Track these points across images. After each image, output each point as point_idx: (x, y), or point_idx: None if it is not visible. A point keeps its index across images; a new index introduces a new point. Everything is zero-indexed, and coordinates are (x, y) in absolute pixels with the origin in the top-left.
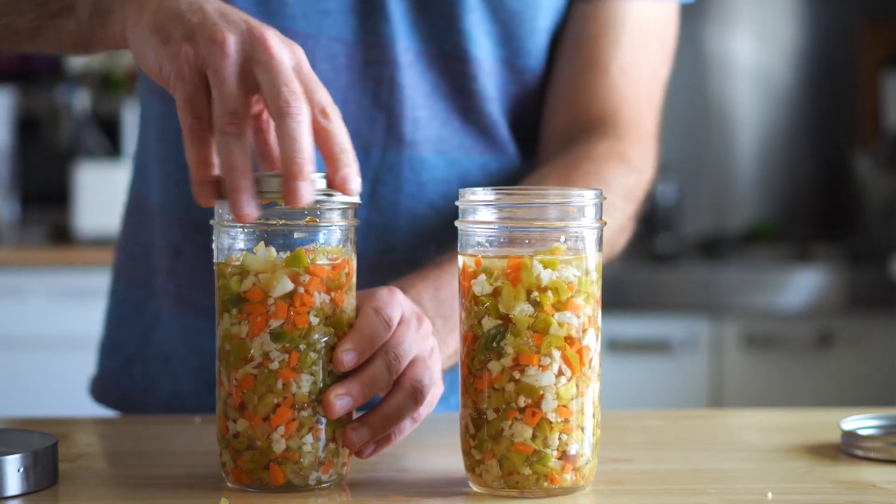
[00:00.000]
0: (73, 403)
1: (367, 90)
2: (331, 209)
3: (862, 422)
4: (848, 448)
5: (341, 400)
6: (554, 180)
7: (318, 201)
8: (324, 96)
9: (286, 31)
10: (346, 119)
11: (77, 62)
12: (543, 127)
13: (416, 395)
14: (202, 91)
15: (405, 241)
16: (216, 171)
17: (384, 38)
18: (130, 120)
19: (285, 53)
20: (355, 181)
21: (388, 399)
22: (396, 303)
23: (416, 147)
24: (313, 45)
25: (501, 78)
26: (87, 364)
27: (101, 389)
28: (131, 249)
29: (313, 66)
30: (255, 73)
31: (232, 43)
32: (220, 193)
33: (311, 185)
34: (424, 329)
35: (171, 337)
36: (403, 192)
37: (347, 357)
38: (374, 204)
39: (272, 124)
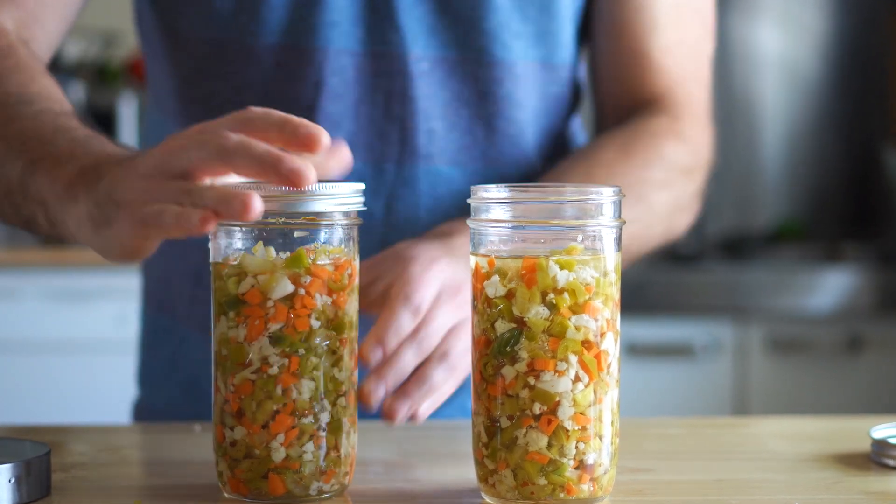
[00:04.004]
0: (67, 410)
1: (378, 103)
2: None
3: (893, 430)
4: (878, 457)
5: (378, 391)
6: (613, 152)
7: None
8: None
9: (294, 47)
10: (357, 134)
11: (72, 52)
12: (596, 115)
13: (447, 364)
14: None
15: None
16: None
17: (394, 48)
18: (126, 113)
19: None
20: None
21: (418, 368)
22: (429, 281)
23: (431, 160)
24: (321, 59)
25: (533, 78)
26: (81, 368)
27: (140, 414)
28: (155, 273)
29: (322, 81)
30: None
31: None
32: None
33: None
34: (462, 298)
35: (198, 362)
36: (421, 208)
37: (374, 356)
38: (389, 221)
39: None
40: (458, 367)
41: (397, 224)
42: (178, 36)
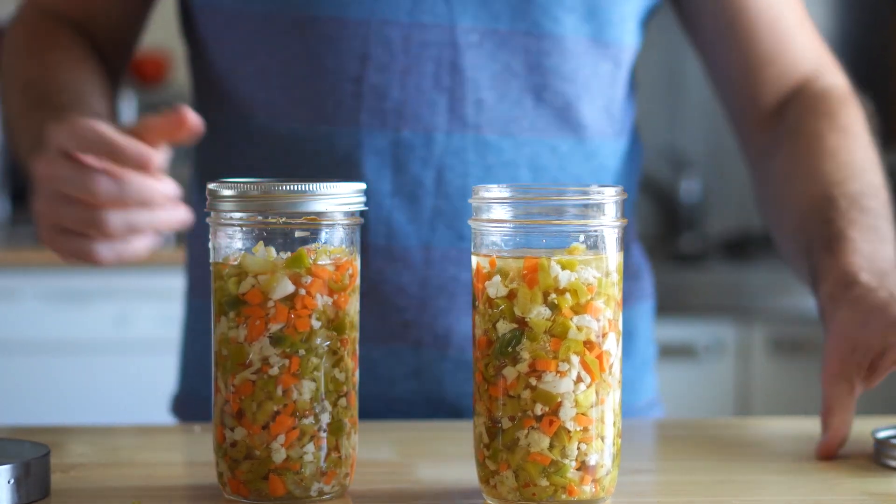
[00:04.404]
0: (67, 411)
1: (425, 73)
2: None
3: (895, 431)
4: (880, 458)
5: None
6: (833, 137)
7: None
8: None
9: (338, 20)
10: (405, 103)
11: None
12: (732, 119)
13: None
14: None
15: None
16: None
17: (442, 20)
18: (126, 113)
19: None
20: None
21: None
22: None
23: (480, 130)
24: (367, 31)
25: (583, 54)
26: (80, 369)
27: (184, 407)
28: (198, 259)
29: (368, 52)
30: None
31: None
32: None
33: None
34: None
35: None
36: (470, 177)
37: None
38: (441, 190)
39: None
40: None
41: (448, 193)
42: (224, 15)
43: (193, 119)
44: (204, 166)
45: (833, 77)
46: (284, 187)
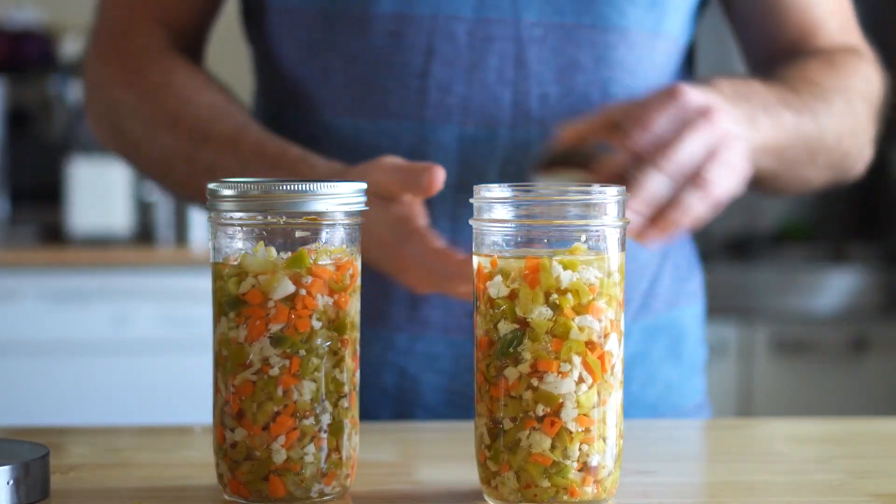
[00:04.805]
0: (66, 412)
1: (490, 68)
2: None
3: None
4: None
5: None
6: (816, 63)
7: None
8: None
9: (405, 17)
10: (469, 98)
11: (70, 51)
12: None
13: (698, 182)
14: None
15: None
16: None
17: (508, 14)
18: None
19: None
20: None
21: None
22: (665, 112)
23: (545, 124)
24: (432, 27)
25: (646, 46)
26: (80, 369)
27: None
28: None
29: (433, 47)
30: None
31: None
32: None
33: None
34: (713, 120)
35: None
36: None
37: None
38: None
39: None
40: (712, 191)
41: None
42: (289, 13)
43: (439, 182)
44: None
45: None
46: (285, 187)
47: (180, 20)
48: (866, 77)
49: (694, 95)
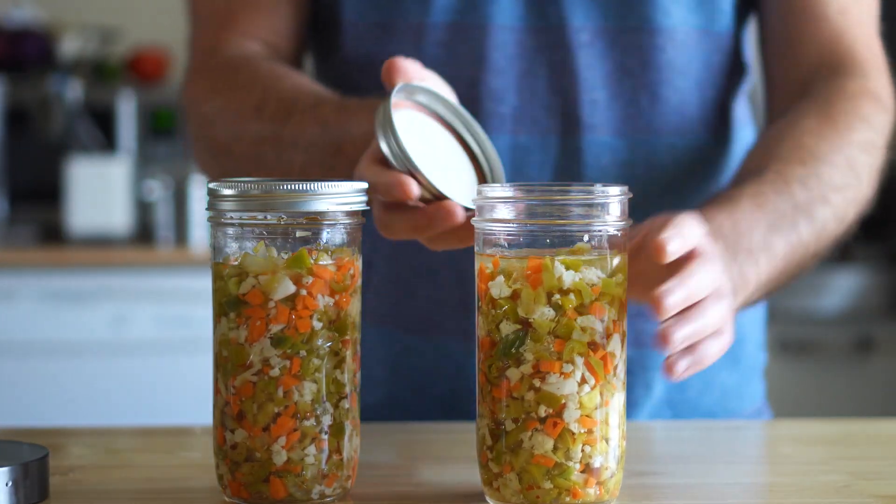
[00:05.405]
0: (65, 412)
1: (541, 76)
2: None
3: None
4: None
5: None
6: (813, 119)
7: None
8: None
9: (456, 25)
10: (521, 107)
11: (70, 49)
12: (766, 86)
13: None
14: None
15: None
16: None
17: (556, 21)
18: (125, 111)
19: None
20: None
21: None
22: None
23: (595, 130)
24: (481, 36)
25: (694, 46)
26: (79, 370)
27: None
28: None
29: (483, 57)
30: None
31: None
32: None
33: None
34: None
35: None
36: (586, 179)
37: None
38: None
39: None
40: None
41: None
42: (342, 25)
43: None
44: None
45: (869, 77)
46: (285, 186)
47: (271, 33)
48: (870, 122)
49: (700, 241)
